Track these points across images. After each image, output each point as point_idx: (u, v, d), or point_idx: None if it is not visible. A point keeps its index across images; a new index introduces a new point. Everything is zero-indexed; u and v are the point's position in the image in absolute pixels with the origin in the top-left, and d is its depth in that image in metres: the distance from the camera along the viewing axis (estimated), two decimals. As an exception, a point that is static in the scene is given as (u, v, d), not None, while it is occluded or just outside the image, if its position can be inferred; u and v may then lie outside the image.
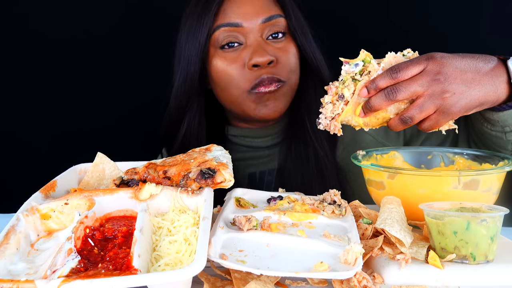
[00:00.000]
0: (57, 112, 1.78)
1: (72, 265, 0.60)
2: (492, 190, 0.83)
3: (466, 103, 0.83)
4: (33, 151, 1.80)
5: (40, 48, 1.74)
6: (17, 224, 0.68)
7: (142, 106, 1.66)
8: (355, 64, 0.85)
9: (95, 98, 1.76)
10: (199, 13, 1.15)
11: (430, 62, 0.82)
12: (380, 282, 0.68)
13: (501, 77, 0.85)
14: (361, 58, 0.85)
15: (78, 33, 1.74)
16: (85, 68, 1.75)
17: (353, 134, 1.22)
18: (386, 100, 0.83)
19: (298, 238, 0.73)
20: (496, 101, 0.87)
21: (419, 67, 0.82)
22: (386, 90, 0.83)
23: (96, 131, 1.76)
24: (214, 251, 0.67)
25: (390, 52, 0.86)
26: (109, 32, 1.73)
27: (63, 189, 0.81)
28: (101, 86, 1.76)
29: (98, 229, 0.69)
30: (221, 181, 0.77)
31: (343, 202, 0.87)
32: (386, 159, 0.98)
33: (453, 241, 0.69)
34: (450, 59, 0.83)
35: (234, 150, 1.28)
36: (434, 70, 0.82)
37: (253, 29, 1.14)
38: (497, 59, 0.87)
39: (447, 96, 0.82)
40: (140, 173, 0.80)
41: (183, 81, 1.19)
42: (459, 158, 0.96)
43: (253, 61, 1.12)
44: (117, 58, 1.72)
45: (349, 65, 0.85)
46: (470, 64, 0.84)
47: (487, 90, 0.84)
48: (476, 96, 0.84)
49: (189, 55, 1.17)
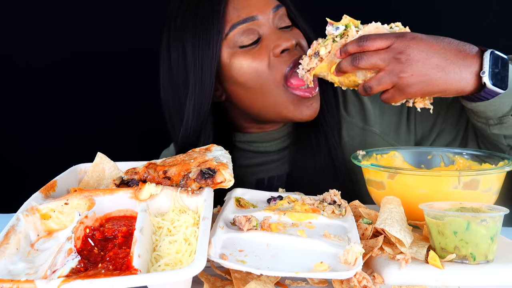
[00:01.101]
0: (57, 112, 1.78)
1: (72, 265, 0.60)
2: (492, 190, 0.83)
3: (423, 86, 0.87)
4: (33, 151, 1.80)
5: (40, 48, 1.74)
6: (17, 224, 0.68)
7: (143, 106, 1.66)
8: (336, 27, 0.93)
9: (95, 98, 1.76)
10: (204, 17, 1.06)
11: (398, 40, 0.86)
12: (380, 282, 0.68)
13: (471, 68, 0.87)
14: (343, 22, 0.93)
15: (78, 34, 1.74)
16: (84, 67, 1.75)
17: (362, 135, 1.19)
18: (351, 65, 0.90)
19: (298, 238, 0.73)
20: (460, 91, 0.89)
21: (386, 42, 0.87)
22: (352, 56, 0.89)
23: (97, 131, 1.76)
24: (214, 251, 0.66)
25: (376, 22, 0.92)
26: (109, 32, 1.73)
27: (63, 189, 0.82)
28: (101, 86, 1.76)
29: (98, 229, 0.69)
30: (221, 181, 0.77)
31: (343, 202, 0.87)
32: (386, 159, 0.98)
33: (453, 241, 0.69)
34: (419, 41, 0.86)
35: (241, 157, 1.22)
36: (398, 49, 0.86)
37: (268, 20, 1.08)
38: (478, 49, 0.89)
39: (404, 76, 0.86)
40: (140, 173, 0.80)
41: (199, 95, 1.07)
42: (459, 158, 0.96)
43: (282, 47, 1.05)
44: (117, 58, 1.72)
45: (332, 26, 0.94)
46: (440, 50, 0.86)
47: (449, 78, 0.87)
48: (436, 82, 0.87)
49: (202, 64, 1.06)
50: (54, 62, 1.75)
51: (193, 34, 1.07)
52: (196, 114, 1.08)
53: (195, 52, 1.06)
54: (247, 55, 1.07)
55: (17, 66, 1.76)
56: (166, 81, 1.15)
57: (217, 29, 1.05)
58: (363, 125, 1.20)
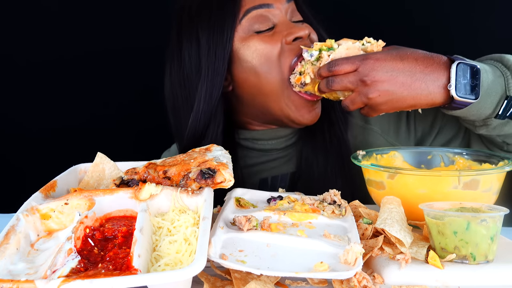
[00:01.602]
0: (57, 112, 1.78)
1: (72, 265, 0.60)
2: (492, 190, 0.83)
3: (392, 103, 0.93)
4: (33, 151, 1.80)
5: (39, 48, 1.74)
6: (17, 224, 0.68)
7: (143, 106, 1.66)
8: (310, 54, 1.01)
9: (95, 98, 1.76)
10: (219, 5, 1.07)
11: (362, 63, 0.92)
12: (380, 282, 0.68)
13: (438, 82, 0.91)
14: (316, 48, 1.00)
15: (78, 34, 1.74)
16: (84, 67, 1.75)
17: (363, 134, 1.19)
18: (326, 87, 0.98)
19: (298, 238, 0.73)
20: (430, 104, 0.93)
21: (352, 66, 0.93)
22: (326, 79, 0.97)
23: (97, 131, 1.76)
24: (214, 251, 0.67)
25: (346, 42, 0.98)
26: (109, 32, 1.73)
27: (63, 189, 0.81)
28: (101, 86, 1.76)
29: (98, 229, 0.69)
30: (221, 181, 0.77)
31: (343, 202, 0.87)
32: (386, 159, 0.98)
33: (453, 241, 0.69)
34: (383, 63, 0.91)
35: (245, 156, 1.20)
36: (364, 73, 0.92)
37: (282, 10, 1.10)
38: (446, 60, 0.92)
39: (372, 97, 0.92)
40: (140, 173, 0.80)
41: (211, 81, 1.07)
42: (459, 158, 0.96)
43: (295, 35, 1.06)
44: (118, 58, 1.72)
45: (307, 53, 1.01)
46: (405, 68, 0.91)
47: (416, 93, 0.91)
48: (404, 99, 0.92)
49: (215, 50, 1.06)
50: (54, 62, 1.75)
51: (208, 20, 1.07)
52: (208, 98, 1.08)
53: (210, 38, 1.07)
54: (261, 39, 1.07)
55: (17, 66, 1.76)
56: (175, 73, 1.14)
57: (232, 13, 1.06)
58: (363, 124, 1.20)
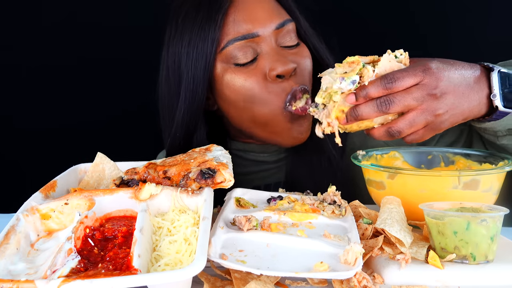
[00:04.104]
0: (57, 112, 1.78)
1: (72, 265, 0.60)
2: (492, 190, 0.83)
3: (454, 119, 0.82)
4: (33, 151, 1.80)
5: (40, 48, 1.74)
6: (17, 224, 0.68)
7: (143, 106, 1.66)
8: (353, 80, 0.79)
9: (95, 98, 1.76)
10: (201, 25, 1.00)
11: (427, 74, 0.78)
12: (380, 282, 0.68)
13: (484, 91, 0.82)
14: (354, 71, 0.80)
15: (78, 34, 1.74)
16: (83, 67, 1.75)
17: (364, 139, 1.17)
18: (377, 111, 0.79)
19: (298, 238, 0.73)
20: (477, 115, 0.85)
21: (416, 78, 0.78)
22: (379, 100, 0.78)
23: (97, 131, 1.76)
24: (214, 251, 0.67)
25: (384, 54, 0.82)
26: (109, 32, 1.73)
27: (63, 189, 0.82)
28: (101, 86, 1.76)
29: (98, 229, 0.69)
30: (221, 181, 0.77)
31: (343, 202, 0.87)
32: (386, 159, 0.98)
33: (453, 241, 0.69)
34: (445, 72, 0.80)
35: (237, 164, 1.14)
36: (432, 85, 0.78)
37: (269, 36, 1.00)
38: (481, 68, 0.84)
39: (441, 113, 0.80)
40: (140, 173, 0.80)
41: (190, 104, 1.02)
42: (459, 158, 0.95)
43: (277, 71, 0.98)
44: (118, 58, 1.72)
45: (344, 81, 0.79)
46: (461, 76, 0.81)
47: (473, 105, 0.82)
48: (462, 112, 0.82)
49: (194, 74, 1.01)
50: (54, 62, 1.75)
51: (188, 41, 1.02)
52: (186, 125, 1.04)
53: (189, 61, 1.01)
54: (241, 73, 1.00)
55: (17, 67, 1.76)
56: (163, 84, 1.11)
57: (213, 40, 0.99)
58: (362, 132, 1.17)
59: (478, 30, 1.63)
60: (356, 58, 0.80)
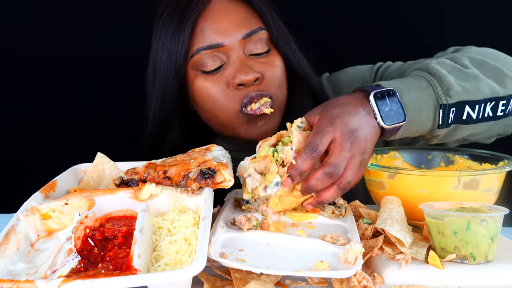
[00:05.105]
0: (57, 112, 1.78)
1: (72, 265, 0.60)
2: (492, 190, 0.83)
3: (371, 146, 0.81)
4: (33, 151, 1.80)
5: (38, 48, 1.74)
6: (17, 224, 0.68)
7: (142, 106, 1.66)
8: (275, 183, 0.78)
9: (95, 98, 1.76)
10: (173, 32, 1.05)
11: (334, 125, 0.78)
12: (380, 282, 0.68)
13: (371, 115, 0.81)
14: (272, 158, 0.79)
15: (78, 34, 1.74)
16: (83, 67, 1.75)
17: None
18: (328, 178, 0.77)
19: (298, 238, 0.73)
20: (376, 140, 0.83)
21: (330, 135, 0.77)
22: (326, 170, 0.77)
23: (97, 131, 1.76)
24: (214, 250, 0.67)
25: (291, 128, 0.82)
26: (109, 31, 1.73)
27: (63, 189, 0.81)
28: (101, 86, 1.76)
29: (98, 229, 0.69)
30: (221, 181, 0.77)
31: (343, 202, 0.87)
32: (386, 159, 0.98)
33: (453, 241, 0.69)
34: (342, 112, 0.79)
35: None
36: (344, 132, 0.78)
37: (235, 46, 1.04)
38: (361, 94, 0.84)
39: (364, 148, 0.79)
40: (140, 173, 0.80)
41: (160, 106, 1.10)
42: (459, 158, 0.96)
43: (238, 80, 1.02)
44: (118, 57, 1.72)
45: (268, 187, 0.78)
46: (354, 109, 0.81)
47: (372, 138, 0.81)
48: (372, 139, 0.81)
49: (165, 77, 1.07)
50: (53, 62, 1.74)
51: (162, 46, 1.07)
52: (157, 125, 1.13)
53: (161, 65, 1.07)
54: (207, 81, 1.06)
55: (17, 67, 1.76)
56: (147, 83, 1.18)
57: (182, 47, 1.04)
58: None
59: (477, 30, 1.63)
60: (266, 152, 0.80)
